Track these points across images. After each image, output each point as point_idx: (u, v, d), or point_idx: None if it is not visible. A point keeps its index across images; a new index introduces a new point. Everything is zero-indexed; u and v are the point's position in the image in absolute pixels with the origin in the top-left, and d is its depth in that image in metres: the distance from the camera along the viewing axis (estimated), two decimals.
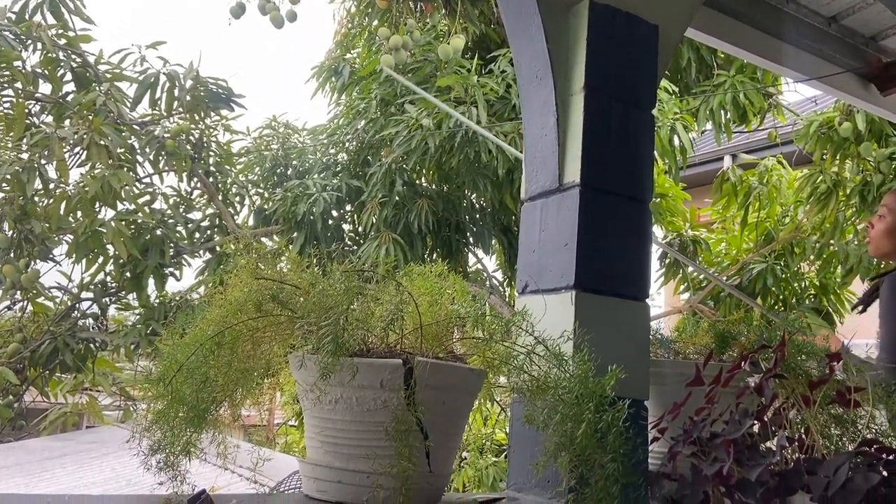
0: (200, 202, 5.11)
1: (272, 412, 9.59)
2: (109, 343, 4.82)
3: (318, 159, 5.56)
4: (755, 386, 1.24)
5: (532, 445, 1.49)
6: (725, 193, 5.71)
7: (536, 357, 1.45)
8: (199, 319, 1.32)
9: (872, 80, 3.25)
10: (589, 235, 1.66)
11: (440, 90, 4.87)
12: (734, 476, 1.13)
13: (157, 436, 1.23)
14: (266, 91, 39.99)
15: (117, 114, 4.50)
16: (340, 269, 1.27)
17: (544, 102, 1.76)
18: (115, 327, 4.95)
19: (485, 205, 5.64)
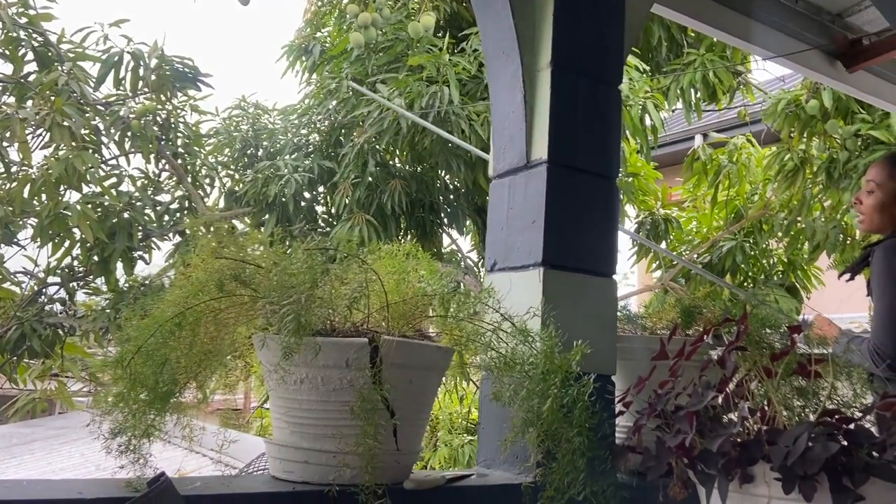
0: (169, 184, 5.02)
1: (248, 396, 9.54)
2: (78, 328, 4.74)
3: (289, 140, 5.49)
4: (718, 359, 1.25)
5: (501, 422, 1.49)
6: (696, 172, 5.76)
7: (503, 334, 1.45)
8: (159, 300, 1.29)
9: (838, 57, 3.28)
10: (556, 212, 1.66)
11: (412, 69, 4.83)
12: (696, 447, 1.14)
13: (119, 419, 1.22)
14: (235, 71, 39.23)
15: (80, 94, 4.39)
16: (303, 248, 1.25)
17: (511, 79, 1.74)
18: (85, 312, 4.87)
19: (458, 185, 5.62)
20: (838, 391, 1.42)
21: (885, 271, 1.98)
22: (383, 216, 5.11)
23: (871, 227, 2.16)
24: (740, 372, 1.27)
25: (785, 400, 1.35)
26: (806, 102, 4.46)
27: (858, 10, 3.28)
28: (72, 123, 4.17)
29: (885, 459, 1.08)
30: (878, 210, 2.10)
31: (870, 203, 2.12)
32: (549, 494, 1.32)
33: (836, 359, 1.40)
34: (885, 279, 1.98)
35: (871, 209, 2.12)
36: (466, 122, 4.65)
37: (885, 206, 2.09)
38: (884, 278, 1.98)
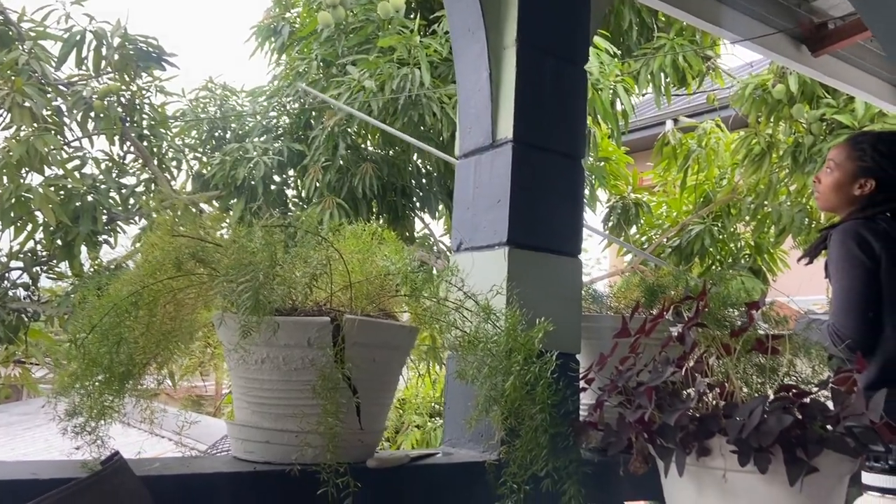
0: (134, 167, 4.93)
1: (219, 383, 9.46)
2: (42, 313, 4.66)
3: (257, 122, 5.41)
4: (677, 335, 1.26)
5: (465, 401, 1.50)
6: (666, 156, 5.81)
7: (468, 313, 1.45)
8: (115, 279, 1.27)
9: (804, 41, 3.31)
10: (522, 192, 1.66)
11: (382, 51, 4.78)
12: (655, 422, 1.15)
13: (75, 399, 1.19)
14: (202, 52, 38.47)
15: (41, 74, 4.29)
16: (260, 224, 1.24)
17: (477, 57, 1.73)
18: (49, 297, 4.78)
19: (431, 169, 5.60)
20: (797, 368, 1.45)
21: (841, 254, 2.02)
22: (355, 200, 5.07)
23: (826, 205, 2.19)
24: (700, 348, 1.29)
25: (744, 376, 1.37)
26: (773, 87, 4.51)
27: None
28: (33, 104, 4.07)
29: (838, 432, 1.10)
30: (835, 189, 2.13)
31: (827, 182, 2.15)
32: (512, 471, 1.33)
33: (795, 336, 1.43)
34: (841, 262, 2.01)
35: (827, 188, 2.15)
36: (438, 104, 4.63)
37: (841, 185, 2.12)
38: (840, 261, 2.02)
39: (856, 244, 1.98)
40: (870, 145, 2.10)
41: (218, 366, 2.09)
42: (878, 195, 2.07)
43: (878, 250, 1.97)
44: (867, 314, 1.96)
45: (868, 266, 1.97)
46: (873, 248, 1.97)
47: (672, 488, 1.25)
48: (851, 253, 1.99)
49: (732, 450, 1.10)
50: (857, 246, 1.98)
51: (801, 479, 1.07)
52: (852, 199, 2.11)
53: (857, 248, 1.98)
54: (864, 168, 2.09)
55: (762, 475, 1.09)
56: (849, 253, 1.99)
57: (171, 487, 1.16)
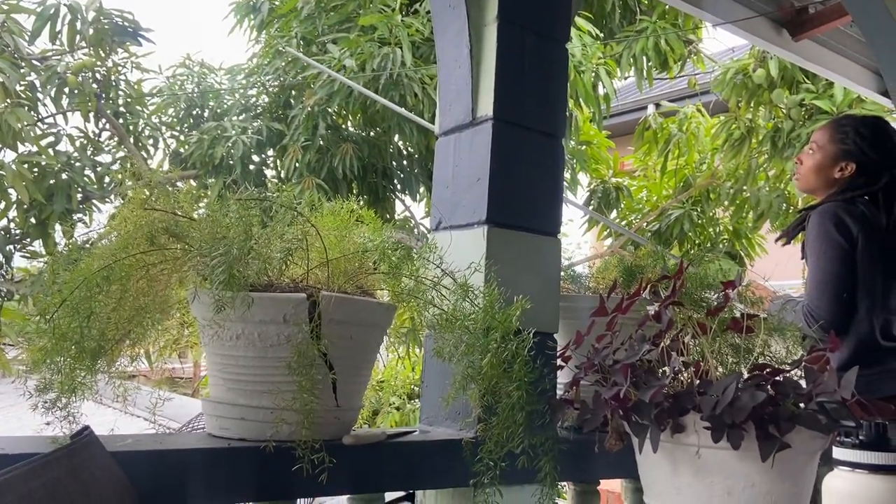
0: (110, 145, 4.85)
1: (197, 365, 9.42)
2: (16, 292, 4.59)
3: (236, 101, 5.34)
4: (654, 313, 1.26)
5: (443, 379, 1.49)
6: (646, 141, 5.83)
7: (445, 291, 1.44)
8: (87, 254, 1.24)
9: (785, 25, 3.32)
10: (501, 170, 1.65)
11: (363, 29, 4.73)
12: (631, 399, 1.15)
13: (45, 375, 1.17)
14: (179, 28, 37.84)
15: (14, 48, 4.19)
16: (235, 197, 1.22)
17: (458, 33, 1.71)
18: (22, 276, 4.70)
19: (412, 150, 5.56)
20: (771, 348, 1.47)
21: (818, 236, 2.03)
22: (335, 181, 5.03)
23: (806, 186, 2.20)
24: (676, 327, 1.29)
25: (719, 356, 1.38)
26: (753, 71, 4.53)
27: None
28: (5, 78, 3.98)
29: (810, 409, 1.12)
30: (815, 171, 2.14)
31: (809, 164, 2.16)
32: (488, 448, 1.33)
33: (770, 317, 1.44)
34: (818, 243, 2.03)
35: (808, 169, 2.16)
36: (419, 85, 4.59)
37: (822, 167, 2.13)
38: (817, 242, 2.03)
39: (833, 226, 2.00)
40: (852, 128, 2.11)
41: (195, 346, 2.07)
42: (858, 178, 2.09)
43: (855, 233, 1.99)
44: (841, 295, 1.98)
45: (844, 248, 1.99)
46: (850, 230, 1.99)
47: (646, 465, 1.26)
48: (829, 234, 2.00)
49: (706, 426, 1.10)
50: (835, 227, 1.99)
51: (774, 455, 1.08)
52: (832, 181, 2.12)
53: (835, 230, 1.99)
54: (846, 151, 2.10)
55: (735, 451, 1.10)
56: (826, 234, 2.01)
57: (143, 464, 1.15)
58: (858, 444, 0.93)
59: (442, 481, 1.53)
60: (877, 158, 2.08)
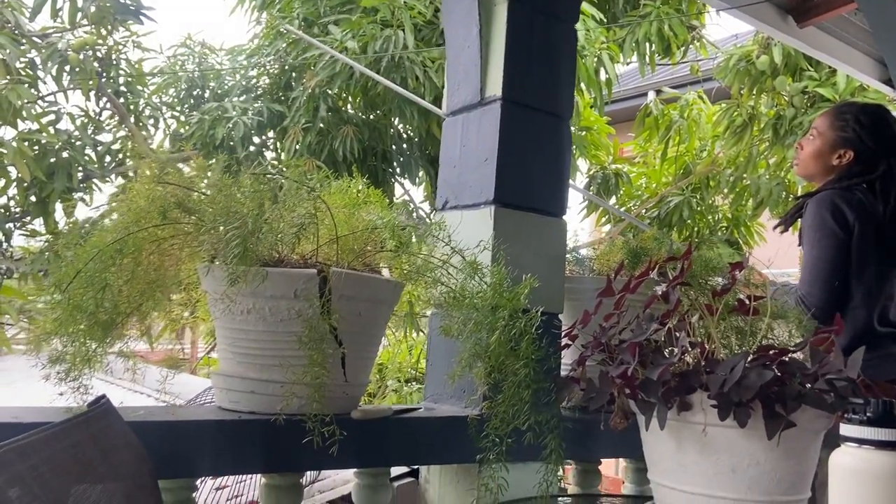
0: (110, 124, 4.83)
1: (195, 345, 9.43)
2: (16, 270, 4.59)
3: (237, 82, 5.31)
4: (662, 293, 1.27)
5: (449, 356, 1.50)
6: (647, 127, 5.82)
7: (453, 270, 1.45)
8: (99, 228, 1.25)
9: (790, 12, 3.31)
10: (509, 151, 1.66)
11: (365, 11, 4.70)
12: (638, 377, 1.17)
13: (58, 346, 1.18)
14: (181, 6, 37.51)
15: (15, 24, 4.16)
16: (249, 172, 1.22)
17: (467, 12, 1.71)
18: (22, 255, 4.70)
19: (412, 134, 5.55)
20: (774, 331, 1.48)
21: (815, 223, 2.04)
22: (335, 163, 5.02)
23: (804, 172, 2.21)
24: (683, 307, 1.30)
25: (724, 338, 1.40)
26: (757, 58, 4.52)
27: None
28: (6, 55, 3.96)
29: (815, 388, 1.13)
30: (814, 157, 2.15)
31: (808, 150, 2.17)
32: (494, 425, 1.35)
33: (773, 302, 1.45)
34: (814, 231, 2.04)
35: (807, 155, 2.17)
36: (421, 68, 4.58)
37: (821, 154, 2.13)
38: (813, 230, 2.04)
39: (829, 213, 2.01)
40: (853, 116, 2.11)
41: (196, 326, 2.08)
42: (856, 166, 2.09)
43: (851, 221, 1.99)
44: (833, 283, 1.99)
45: (839, 236, 1.99)
46: (847, 218, 1.99)
47: (652, 443, 1.27)
48: (824, 222, 2.01)
49: (713, 404, 1.12)
50: (831, 215, 2.00)
51: (779, 433, 1.10)
52: (830, 168, 2.13)
53: (831, 218, 2.00)
54: (845, 138, 2.10)
55: (741, 429, 1.11)
56: (822, 222, 2.02)
57: (155, 434, 1.16)
58: (866, 420, 0.94)
59: (447, 457, 1.54)
60: (875, 147, 2.08)
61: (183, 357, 7.03)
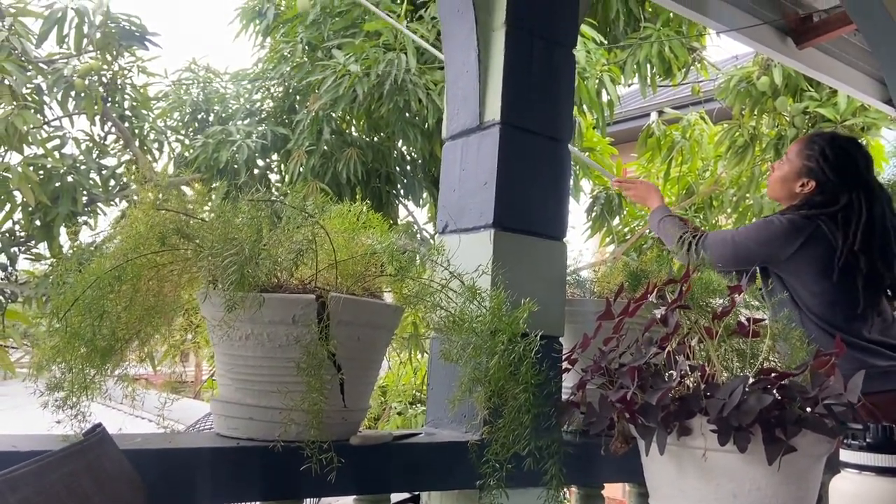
0: (115, 148, 4.87)
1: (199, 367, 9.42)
2: (20, 294, 4.60)
3: (241, 105, 5.36)
4: (660, 317, 1.27)
5: (449, 381, 1.50)
6: (650, 147, 5.83)
7: (452, 293, 1.45)
8: (98, 255, 1.26)
9: (789, 34, 3.33)
10: (508, 174, 1.66)
11: (368, 35, 4.75)
12: (638, 402, 1.16)
13: (56, 373, 1.18)
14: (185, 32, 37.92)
15: (21, 51, 4.21)
16: (247, 198, 1.23)
17: (466, 38, 1.72)
18: (27, 278, 4.71)
19: (415, 156, 5.58)
20: (775, 353, 1.47)
21: (767, 219, 2.17)
22: (338, 185, 5.04)
23: (772, 194, 2.28)
24: (682, 331, 1.30)
25: (725, 360, 1.39)
26: (757, 79, 4.54)
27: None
28: (12, 81, 4.00)
29: (816, 413, 1.12)
30: (781, 181, 2.23)
31: (777, 173, 2.24)
32: (494, 450, 1.34)
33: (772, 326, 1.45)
34: (762, 221, 2.18)
35: (775, 178, 2.24)
36: (424, 90, 4.61)
37: (786, 179, 2.20)
38: (762, 221, 2.18)
39: (784, 220, 2.08)
40: (819, 148, 2.17)
41: (199, 349, 2.08)
42: (817, 196, 2.14)
43: (793, 247, 2.05)
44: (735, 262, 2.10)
45: (774, 244, 2.08)
46: (792, 242, 2.06)
47: (652, 468, 1.26)
48: (774, 223, 2.10)
49: (713, 429, 1.11)
50: (782, 223, 2.08)
51: (780, 458, 1.09)
52: (794, 194, 2.20)
53: (781, 225, 2.07)
54: (809, 168, 2.16)
55: (741, 454, 1.10)
56: (773, 221, 2.11)
57: (153, 462, 1.16)
58: (865, 446, 0.94)
59: (448, 483, 1.53)
60: (836, 181, 2.13)
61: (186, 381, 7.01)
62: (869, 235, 2.04)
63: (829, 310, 2.05)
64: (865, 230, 2.04)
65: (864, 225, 2.04)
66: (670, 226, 2.22)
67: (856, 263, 2.03)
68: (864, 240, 2.03)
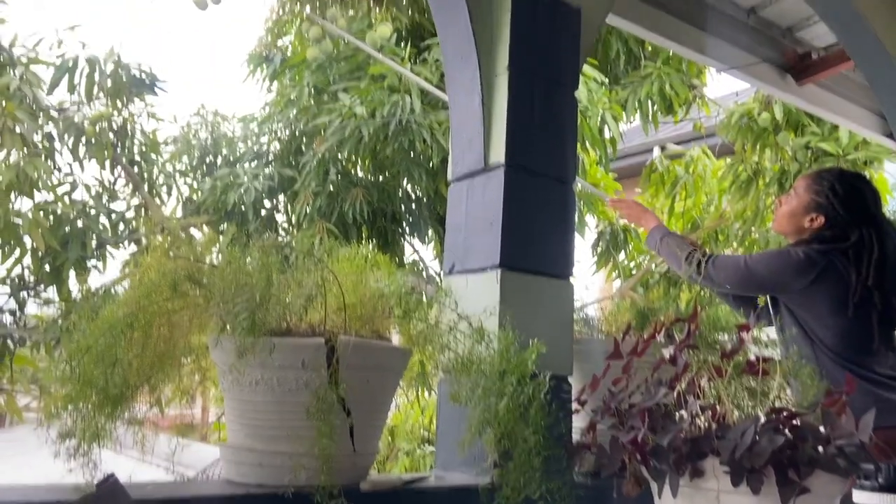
0: (124, 192, 4.93)
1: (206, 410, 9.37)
2: (28, 339, 4.61)
3: (249, 148, 5.44)
4: (669, 356, 1.27)
5: (458, 423, 1.49)
6: (653, 183, 5.87)
7: (460, 335, 1.46)
8: (111, 302, 1.27)
9: (789, 71, 3.38)
10: (513, 215, 1.68)
11: (374, 78, 4.83)
12: (649, 443, 1.16)
13: (67, 421, 1.19)
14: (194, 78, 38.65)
15: (33, 99, 4.29)
16: (257, 245, 1.25)
17: (469, 82, 1.76)
18: (36, 323, 4.73)
19: (420, 195, 5.62)
20: (786, 391, 1.47)
21: (781, 250, 2.17)
22: (345, 225, 5.08)
23: (779, 228, 2.27)
24: (692, 370, 1.30)
25: (736, 399, 1.38)
26: (758, 115, 4.59)
27: (808, 25, 3.40)
28: (24, 129, 4.07)
29: (829, 453, 1.11)
30: (789, 216, 2.22)
31: (785, 208, 2.24)
32: (505, 494, 1.33)
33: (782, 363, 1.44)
34: (775, 251, 2.19)
35: (783, 213, 2.24)
36: (428, 130, 4.67)
37: (794, 214, 2.20)
38: (774, 250, 2.20)
39: (800, 253, 2.07)
40: (829, 183, 2.18)
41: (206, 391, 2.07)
42: (826, 231, 2.14)
43: (806, 280, 2.05)
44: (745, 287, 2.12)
45: (788, 275, 2.06)
46: (806, 274, 2.04)
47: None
48: (790, 255, 2.08)
49: (725, 471, 1.10)
50: (798, 256, 2.07)
51: (793, 499, 1.08)
52: (802, 229, 2.19)
53: (797, 258, 2.06)
54: (818, 203, 2.17)
55: (755, 496, 1.09)
56: (788, 254, 2.10)
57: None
58: (878, 486, 0.93)
59: None
60: (846, 216, 2.13)
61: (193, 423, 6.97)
62: (881, 271, 2.04)
63: (842, 343, 2.04)
64: (878, 266, 2.03)
65: (876, 261, 2.03)
66: (674, 244, 2.20)
67: (870, 299, 2.03)
68: (876, 275, 2.02)
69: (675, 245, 2.19)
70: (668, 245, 2.20)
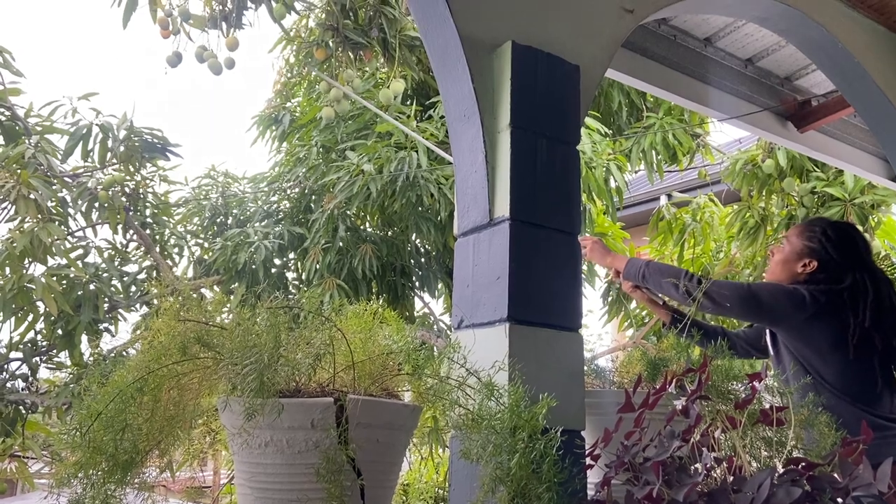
0: (136, 254, 4.98)
1: (217, 473, 9.25)
2: (40, 405, 4.60)
3: (259, 207, 5.51)
4: (681, 408, 1.26)
5: (471, 481, 1.48)
6: (661, 231, 5.88)
7: (470, 390, 1.45)
8: (120, 366, 1.28)
9: (789, 118, 3.42)
10: (520, 268, 1.69)
11: (380, 135, 4.92)
12: (664, 498, 1.14)
13: (77, 489, 1.18)
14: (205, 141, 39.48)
15: (47, 166, 4.38)
16: (265, 306, 1.26)
17: (473, 140, 1.79)
18: (47, 388, 4.73)
19: (429, 248, 5.66)
20: (803, 440, 1.44)
21: (786, 286, 2.16)
22: (354, 281, 5.11)
23: (772, 277, 2.31)
24: (705, 421, 1.28)
25: (752, 449, 1.36)
26: (762, 162, 4.62)
27: (806, 74, 3.45)
28: (38, 196, 4.15)
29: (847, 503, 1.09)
30: (782, 264, 2.26)
31: (777, 256, 2.28)
32: None
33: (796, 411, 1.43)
34: (780, 287, 2.16)
35: (775, 262, 2.28)
36: (435, 185, 4.73)
37: (787, 261, 2.24)
38: (779, 287, 2.16)
39: (797, 288, 2.10)
40: (821, 229, 2.24)
41: (217, 454, 2.06)
42: (819, 274, 2.17)
43: (803, 315, 2.06)
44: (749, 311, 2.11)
45: (788, 308, 2.08)
46: (807, 310, 2.06)
47: None
48: (789, 289, 2.11)
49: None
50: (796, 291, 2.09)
51: None
52: (795, 275, 2.22)
53: (795, 292, 2.09)
54: (811, 249, 2.21)
55: None
56: (787, 288, 2.12)
57: None
58: None
59: None
60: (839, 260, 2.17)
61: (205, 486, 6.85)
62: (878, 313, 2.05)
63: (843, 379, 2.05)
64: (874, 308, 2.05)
65: (871, 303, 2.05)
66: (661, 266, 2.18)
67: (870, 341, 2.03)
68: (874, 317, 2.04)
69: (663, 267, 2.19)
70: (654, 269, 2.17)
